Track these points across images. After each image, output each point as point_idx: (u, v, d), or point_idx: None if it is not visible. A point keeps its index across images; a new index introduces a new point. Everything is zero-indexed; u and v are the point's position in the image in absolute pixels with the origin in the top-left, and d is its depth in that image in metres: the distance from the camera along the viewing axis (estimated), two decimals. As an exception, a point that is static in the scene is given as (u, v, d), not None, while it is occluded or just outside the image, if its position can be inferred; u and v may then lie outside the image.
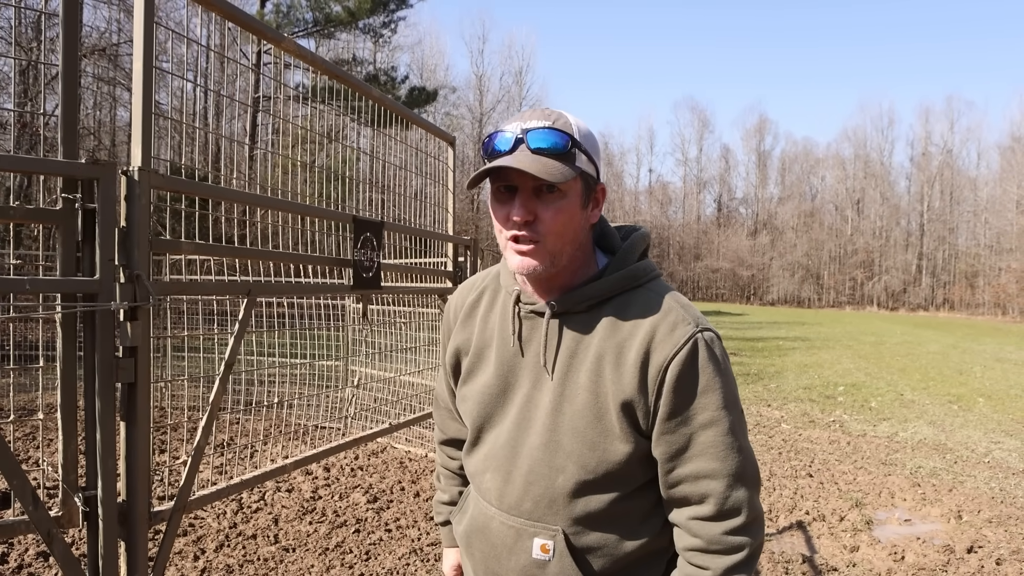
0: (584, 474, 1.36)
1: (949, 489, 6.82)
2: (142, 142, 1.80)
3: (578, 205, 1.35)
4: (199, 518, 5.07)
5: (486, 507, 1.50)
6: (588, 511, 1.38)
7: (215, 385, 2.03)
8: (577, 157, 1.33)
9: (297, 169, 3.13)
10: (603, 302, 1.40)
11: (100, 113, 26.36)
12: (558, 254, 1.35)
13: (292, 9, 26.71)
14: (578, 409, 1.36)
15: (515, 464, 1.43)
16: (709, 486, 1.33)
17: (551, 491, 1.39)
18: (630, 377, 1.33)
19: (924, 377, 15.54)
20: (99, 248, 1.69)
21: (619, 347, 1.35)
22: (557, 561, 1.39)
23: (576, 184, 1.34)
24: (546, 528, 1.40)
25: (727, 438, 1.33)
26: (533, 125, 1.32)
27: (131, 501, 1.75)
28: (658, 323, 1.34)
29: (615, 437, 1.35)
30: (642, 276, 1.43)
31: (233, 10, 2.16)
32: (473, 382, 1.53)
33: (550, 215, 1.32)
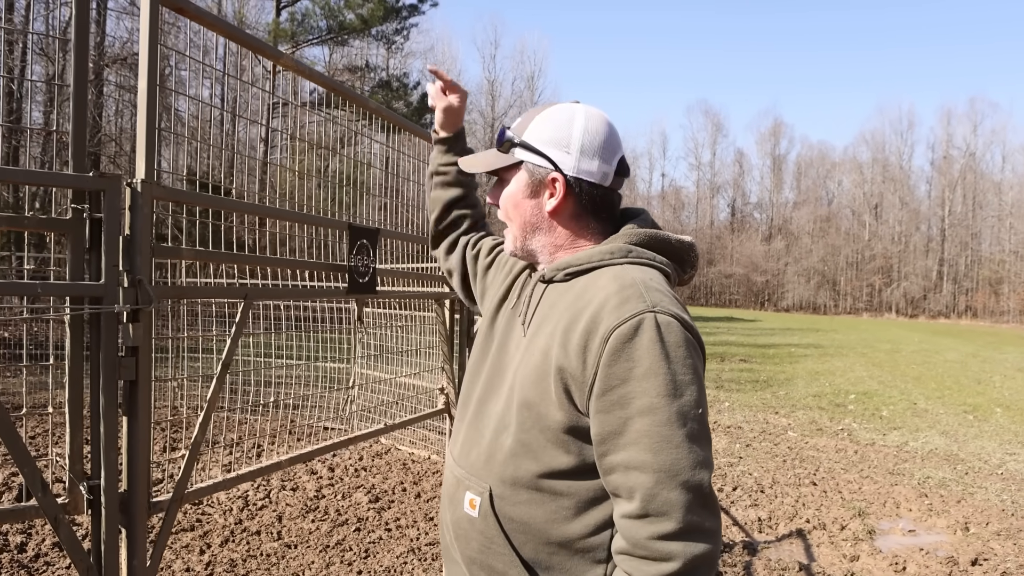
0: (521, 433, 1.35)
1: (958, 500, 6.75)
2: (145, 156, 1.93)
3: (522, 193, 1.51)
4: (206, 514, 5.23)
5: (449, 459, 1.59)
6: (516, 476, 1.35)
7: (212, 384, 2.16)
8: (516, 151, 1.50)
9: (308, 176, 3.27)
10: (580, 273, 1.44)
11: (122, 120, 26.74)
12: (518, 237, 1.54)
13: (307, 17, 27.01)
14: (530, 369, 1.38)
15: (478, 418, 1.51)
16: (638, 480, 1.22)
17: (492, 446, 1.42)
18: (573, 345, 1.30)
19: (940, 386, 15.41)
20: (105, 255, 1.82)
21: (574, 315, 1.35)
22: (482, 520, 1.39)
23: (516, 173, 1.52)
24: (478, 483, 1.42)
25: (664, 429, 1.21)
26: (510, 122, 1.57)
27: (131, 491, 1.88)
28: (611, 296, 1.31)
29: (550, 401, 1.32)
30: (622, 254, 1.42)
31: (232, 29, 2.30)
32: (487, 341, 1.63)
33: (500, 200, 1.56)
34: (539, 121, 1.48)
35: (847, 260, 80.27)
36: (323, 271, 2.80)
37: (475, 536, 1.41)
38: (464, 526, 1.43)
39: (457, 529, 1.46)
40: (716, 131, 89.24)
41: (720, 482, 7.06)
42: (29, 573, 4.10)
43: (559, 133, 1.45)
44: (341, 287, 2.86)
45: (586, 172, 1.45)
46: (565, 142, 1.45)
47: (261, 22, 29.27)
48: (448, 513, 1.50)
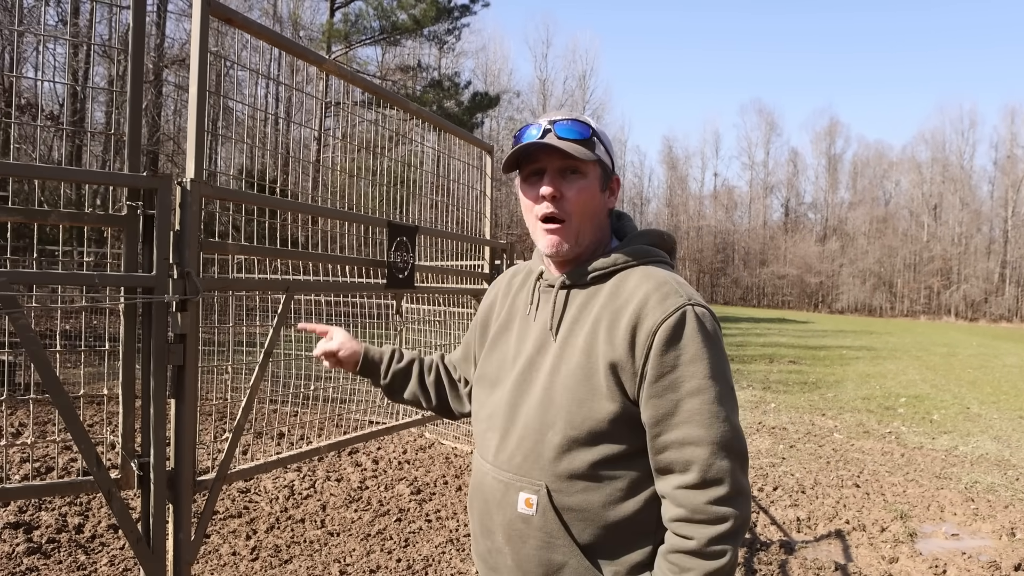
0: (571, 430, 1.44)
1: (1005, 506, 6.61)
2: (195, 158, 2.06)
3: (597, 187, 1.56)
4: (253, 502, 5.42)
5: (482, 463, 1.61)
6: (572, 468, 1.45)
7: (255, 371, 2.29)
8: (596, 146, 1.55)
9: (360, 174, 3.39)
10: (607, 276, 1.55)
11: (180, 119, 27.54)
12: (581, 232, 1.55)
13: (360, 18, 27.41)
14: (572, 368, 1.47)
15: (513, 422, 1.54)
16: (693, 453, 1.38)
17: (540, 446, 1.48)
18: (620, 340, 1.43)
19: (995, 391, 14.99)
20: (156, 248, 1.95)
21: (615, 313, 1.47)
22: (540, 516, 1.46)
23: (595, 168, 1.55)
24: (531, 483, 1.48)
25: (713, 407, 1.38)
26: (559, 118, 1.54)
27: (178, 469, 2.02)
28: (651, 292, 1.45)
29: (601, 395, 1.43)
30: (643, 255, 1.56)
31: (277, 37, 2.42)
32: (495, 351, 1.69)
33: (574, 193, 1.52)
34: (596, 123, 1.59)
35: (904, 262, 78.34)
36: (364, 267, 2.91)
37: (533, 533, 1.49)
38: (519, 526, 1.50)
39: (510, 531, 1.52)
40: (770, 130, 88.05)
41: (761, 482, 7.02)
42: (85, 552, 4.32)
43: (608, 139, 1.62)
44: (381, 282, 2.97)
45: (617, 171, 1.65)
46: (612, 147, 1.64)
47: (315, 23, 29.81)
48: (497, 517, 1.55)
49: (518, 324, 1.68)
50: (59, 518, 4.73)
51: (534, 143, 1.51)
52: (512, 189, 30.90)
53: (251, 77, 8.28)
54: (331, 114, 21.20)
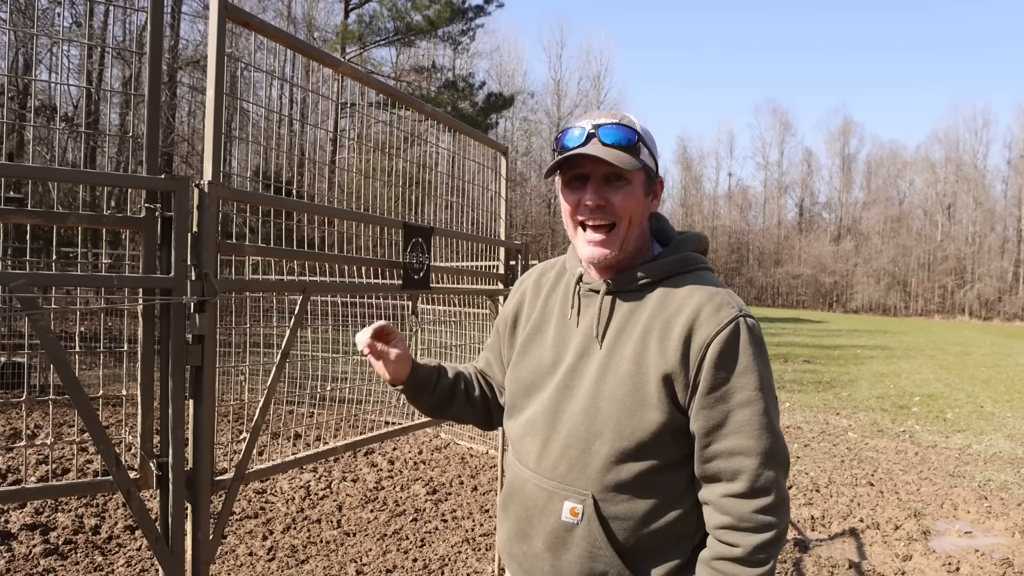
0: (619, 440, 1.44)
1: (1018, 504, 6.62)
2: (212, 160, 2.07)
3: (642, 193, 1.53)
4: (269, 503, 5.44)
5: (522, 470, 1.59)
6: (619, 479, 1.45)
7: (272, 372, 2.30)
8: (641, 151, 1.51)
9: (375, 176, 3.40)
10: (655, 283, 1.53)
11: (195, 120, 27.68)
12: (626, 239, 1.53)
13: (374, 19, 27.48)
14: (620, 378, 1.46)
15: (555, 429, 1.53)
16: (743, 463, 1.40)
17: (586, 456, 1.47)
18: (673, 351, 1.43)
19: (1009, 389, 14.93)
20: (174, 250, 1.96)
21: (665, 323, 1.46)
22: (585, 525, 1.46)
23: (640, 174, 1.52)
24: (577, 492, 1.47)
25: (763, 418, 1.41)
26: (603, 121, 1.50)
27: (197, 469, 2.03)
28: (704, 303, 1.45)
29: (651, 407, 1.43)
30: (692, 263, 1.55)
31: (293, 40, 2.43)
32: (530, 353, 1.66)
33: (619, 199, 1.50)
34: (640, 124, 1.55)
35: (918, 261, 77.87)
36: (379, 268, 2.91)
37: (576, 543, 1.49)
38: (561, 534, 1.50)
39: (552, 538, 1.51)
40: (784, 130, 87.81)
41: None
42: (102, 553, 4.35)
43: (652, 138, 1.58)
44: (396, 283, 2.98)
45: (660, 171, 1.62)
46: (656, 147, 1.59)
47: (330, 24, 29.90)
48: (539, 524, 1.54)
49: (555, 327, 1.65)
50: (76, 519, 4.77)
51: (578, 153, 1.48)
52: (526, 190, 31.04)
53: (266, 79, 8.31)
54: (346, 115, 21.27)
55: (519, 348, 1.71)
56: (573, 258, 1.69)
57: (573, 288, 1.63)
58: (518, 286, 1.85)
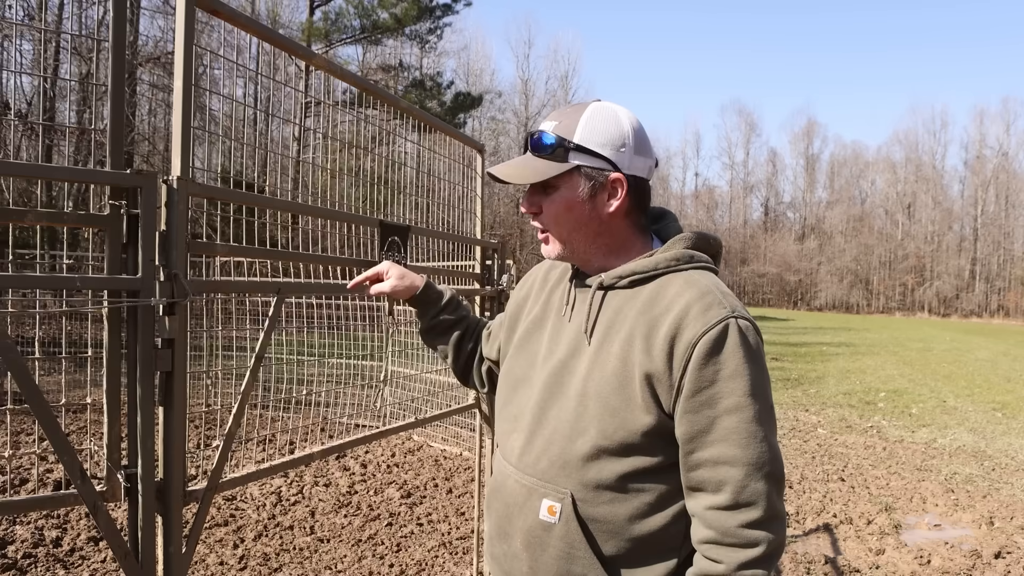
0: (602, 439, 1.37)
1: (983, 495, 6.78)
2: (181, 154, 1.97)
3: (577, 196, 1.46)
4: (240, 509, 5.31)
5: (505, 466, 1.54)
6: (600, 478, 1.38)
7: (246, 376, 2.20)
8: (571, 155, 1.44)
9: (341, 174, 3.30)
10: (647, 280, 1.46)
11: (155, 119, 27.16)
12: (566, 241, 1.49)
13: (340, 16, 27.22)
14: (606, 375, 1.40)
15: (540, 425, 1.47)
16: (727, 473, 1.31)
17: (568, 452, 1.41)
18: (658, 351, 1.35)
19: (970, 384, 15.29)
20: (142, 250, 1.86)
21: (653, 321, 1.39)
22: (563, 525, 1.40)
23: (571, 178, 1.46)
24: (556, 490, 1.41)
25: (751, 426, 1.31)
26: (539, 128, 1.48)
27: (167, 479, 1.92)
28: (693, 302, 1.36)
29: (636, 406, 1.36)
30: (686, 260, 1.47)
31: (265, 30, 2.33)
32: (525, 348, 1.62)
33: (547, 206, 1.48)
34: (586, 122, 1.46)
35: (880, 259, 79.33)
36: (355, 268, 2.82)
37: (553, 543, 1.42)
38: (538, 533, 1.44)
39: (530, 537, 1.45)
40: (750, 130, 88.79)
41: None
42: (64, 567, 4.19)
43: (613, 133, 1.47)
44: (371, 283, 2.88)
45: (638, 169, 1.50)
46: (620, 142, 1.47)
47: (294, 21, 29.53)
48: (517, 521, 1.48)
49: (552, 323, 1.60)
50: (35, 532, 4.59)
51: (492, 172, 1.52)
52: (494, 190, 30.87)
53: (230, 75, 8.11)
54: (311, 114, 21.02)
55: (516, 342, 1.66)
56: None
57: (569, 284, 1.58)
58: (527, 279, 1.80)
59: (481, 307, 4.14)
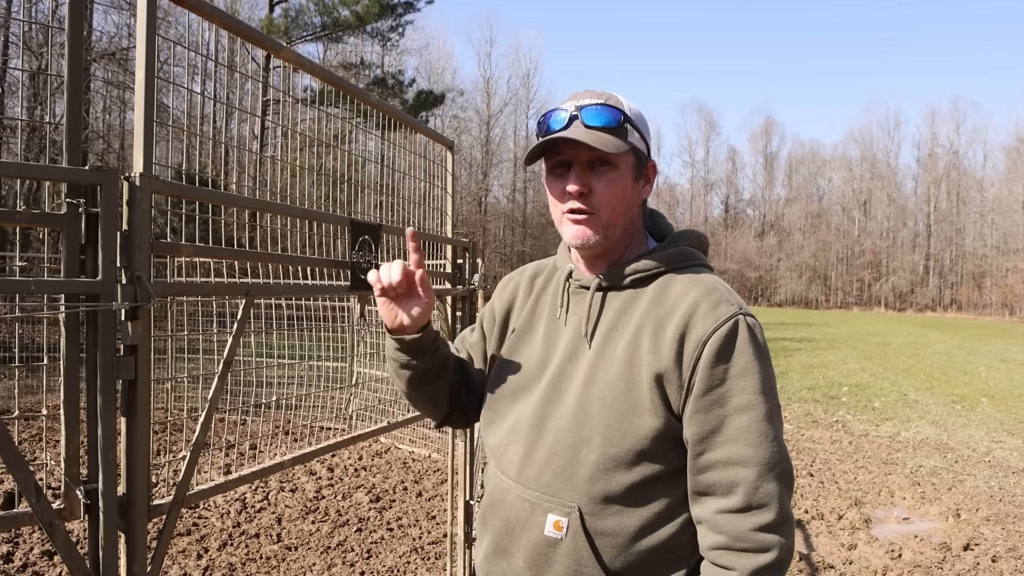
0: (609, 447, 1.31)
1: (949, 488, 6.88)
2: (144, 149, 1.86)
3: (630, 178, 1.40)
4: (203, 518, 5.15)
5: (503, 480, 1.45)
6: (608, 490, 1.31)
7: (213, 383, 2.09)
8: (629, 133, 1.38)
9: (305, 172, 3.19)
10: (649, 279, 1.41)
11: (109, 117, 26.52)
12: (612, 226, 1.39)
13: (300, 13, 26.87)
14: (610, 379, 1.34)
15: (540, 435, 1.39)
16: (739, 474, 1.26)
17: (573, 463, 1.33)
18: (667, 350, 1.30)
19: (929, 377, 15.57)
20: (102, 251, 1.75)
21: (660, 320, 1.34)
22: (570, 541, 1.32)
23: (628, 158, 1.39)
24: (562, 504, 1.34)
25: (762, 424, 1.26)
26: (587, 102, 1.37)
27: (131, 494, 1.81)
28: (701, 299, 1.33)
29: (644, 410, 1.30)
30: (690, 259, 1.44)
31: (232, 20, 2.23)
32: (516, 356, 1.53)
33: (603, 186, 1.37)
34: (628, 104, 1.41)
35: (837, 255, 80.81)
36: (325, 268, 2.73)
37: (560, 559, 1.35)
38: (543, 550, 1.36)
39: (534, 555, 1.37)
40: (709, 129, 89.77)
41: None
42: (20, 580, 4.02)
43: (643, 119, 1.45)
44: (343, 284, 2.80)
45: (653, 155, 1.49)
46: (647, 128, 1.46)
47: (254, 18, 29.08)
48: (520, 539, 1.40)
49: (544, 327, 1.51)
50: (-13, 544, 4.40)
51: (559, 137, 1.34)
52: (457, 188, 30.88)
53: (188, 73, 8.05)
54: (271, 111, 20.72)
55: (505, 350, 1.56)
56: (563, 255, 1.56)
57: (562, 285, 1.49)
58: (508, 285, 1.69)
59: (452, 307, 4.06)
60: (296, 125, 3.25)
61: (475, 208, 46.27)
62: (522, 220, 53.37)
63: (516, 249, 48.65)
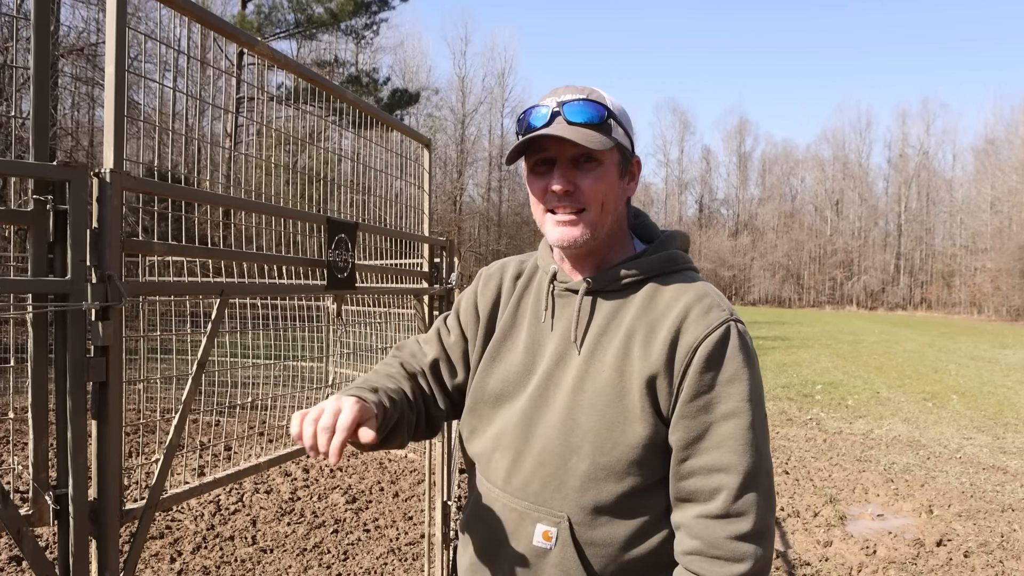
0: (599, 455, 1.28)
1: (921, 484, 6.97)
2: (114, 145, 1.82)
3: (616, 175, 1.36)
4: (176, 520, 5.07)
5: (490, 489, 1.42)
6: (598, 500, 1.29)
7: (187, 384, 2.05)
8: (613, 128, 1.34)
9: (279, 170, 3.14)
10: (638, 282, 1.38)
11: (78, 113, 26.06)
12: (599, 225, 1.35)
13: (274, 10, 26.64)
14: (600, 387, 1.31)
15: (527, 443, 1.36)
16: (722, 481, 1.23)
17: (562, 472, 1.31)
18: (658, 354, 1.28)
19: (900, 375, 15.76)
20: (71, 249, 1.70)
21: (651, 325, 1.31)
22: (559, 551, 1.30)
23: (613, 154, 1.35)
24: (551, 514, 1.31)
25: (748, 433, 1.24)
26: (569, 98, 1.32)
27: (102, 499, 1.77)
28: (693, 304, 1.31)
29: (635, 418, 1.28)
30: (680, 262, 1.42)
31: (205, 14, 2.18)
32: (499, 360, 1.48)
33: (589, 183, 1.32)
34: (611, 99, 1.37)
35: (810, 255, 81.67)
36: (301, 267, 2.69)
37: (548, 570, 1.32)
38: (532, 560, 1.34)
39: (523, 565, 1.35)
40: (684, 129, 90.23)
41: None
42: (-13, 586, 3.94)
43: (626, 114, 1.41)
44: (320, 283, 2.76)
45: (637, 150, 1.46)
46: (631, 124, 1.42)
47: (227, 14, 28.78)
48: (507, 549, 1.37)
49: (527, 331, 1.46)
50: (-46, 549, 4.30)
51: (541, 134, 1.29)
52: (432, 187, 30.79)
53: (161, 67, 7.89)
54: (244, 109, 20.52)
55: (488, 354, 1.50)
56: (546, 254, 1.51)
57: (547, 287, 1.44)
58: (488, 280, 1.60)
59: (430, 306, 4.03)
60: (270, 122, 3.19)
61: (450, 207, 46.15)
62: (497, 219, 53.32)
63: (491, 248, 48.56)
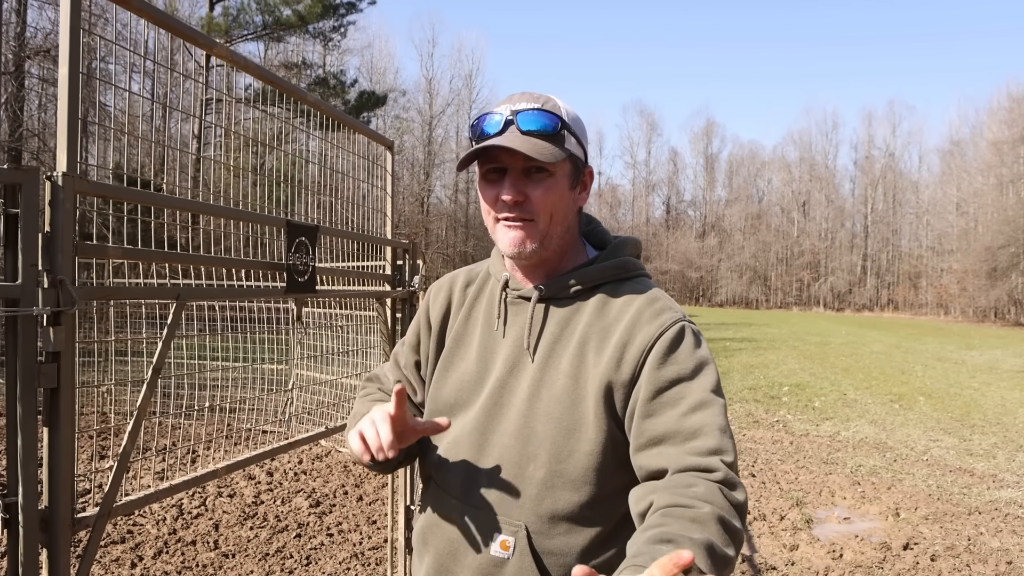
0: (556, 463, 1.28)
1: (888, 487, 7.00)
2: (67, 148, 1.80)
3: (567, 186, 1.36)
4: (138, 524, 5.01)
5: (446, 499, 1.40)
6: (556, 509, 1.29)
7: (142, 389, 2.03)
8: (566, 139, 1.34)
9: (246, 172, 3.12)
10: (590, 289, 1.39)
11: (46, 115, 25.62)
12: (548, 235, 1.35)
13: (241, 12, 26.37)
14: (556, 394, 1.31)
15: (483, 452, 1.36)
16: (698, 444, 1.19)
17: (519, 481, 1.31)
18: (612, 359, 1.28)
19: (867, 377, 15.91)
20: (22, 253, 1.68)
21: (604, 331, 1.33)
22: (517, 561, 1.30)
23: (564, 165, 1.35)
24: (509, 523, 1.31)
25: (720, 420, 1.21)
26: (523, 107, 1.32)
27: (53, 507, 1.75)
28: (644, 308, 1.32)
29: (590, 424, 1.28)
30: (631, 269, 1.43)
31: (163, 16, 2.17)
32: (452, 369, 1.47)
33: (540, 194, 1.32)
34: (565, 108, 1.37)
35: (777, 256, 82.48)
36: (261, 270, 2.68)
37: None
38: (489, 570, 1.33)
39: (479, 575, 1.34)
40: (651, 130, 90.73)
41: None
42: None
43: (580, 123, 1.41)
44: (279, 286, 2.75)
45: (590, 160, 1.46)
46: (585, 133, 1.43)
47: (194, 16, 28.46)
48: (464, 559, 1.36)
49: (479, 339, 1.46)
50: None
51: (493, 145, 1.29)
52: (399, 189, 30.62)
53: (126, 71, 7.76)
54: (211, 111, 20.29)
55: (441, 363, 1.50)
56: (498, 262, 1.51)
57: (499, 295, 1.45)
58: (438, 292, 1.60)
59: (392, 308, 4.02)
60: (238, 124, 3.18)
61: (417, 208, 45.95)
62: (464, 220, 53.20)
63: (459, 250, 48.46)
